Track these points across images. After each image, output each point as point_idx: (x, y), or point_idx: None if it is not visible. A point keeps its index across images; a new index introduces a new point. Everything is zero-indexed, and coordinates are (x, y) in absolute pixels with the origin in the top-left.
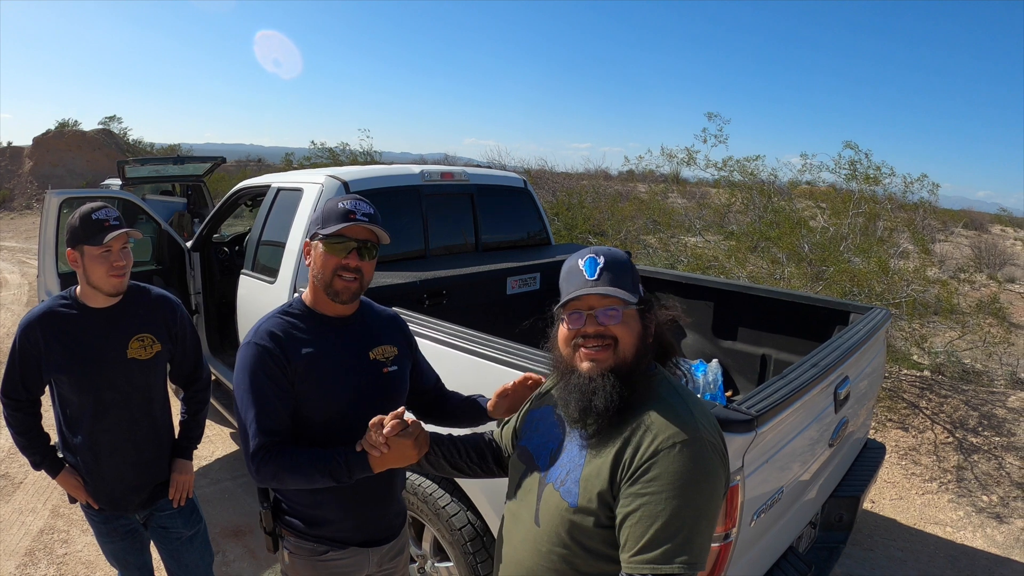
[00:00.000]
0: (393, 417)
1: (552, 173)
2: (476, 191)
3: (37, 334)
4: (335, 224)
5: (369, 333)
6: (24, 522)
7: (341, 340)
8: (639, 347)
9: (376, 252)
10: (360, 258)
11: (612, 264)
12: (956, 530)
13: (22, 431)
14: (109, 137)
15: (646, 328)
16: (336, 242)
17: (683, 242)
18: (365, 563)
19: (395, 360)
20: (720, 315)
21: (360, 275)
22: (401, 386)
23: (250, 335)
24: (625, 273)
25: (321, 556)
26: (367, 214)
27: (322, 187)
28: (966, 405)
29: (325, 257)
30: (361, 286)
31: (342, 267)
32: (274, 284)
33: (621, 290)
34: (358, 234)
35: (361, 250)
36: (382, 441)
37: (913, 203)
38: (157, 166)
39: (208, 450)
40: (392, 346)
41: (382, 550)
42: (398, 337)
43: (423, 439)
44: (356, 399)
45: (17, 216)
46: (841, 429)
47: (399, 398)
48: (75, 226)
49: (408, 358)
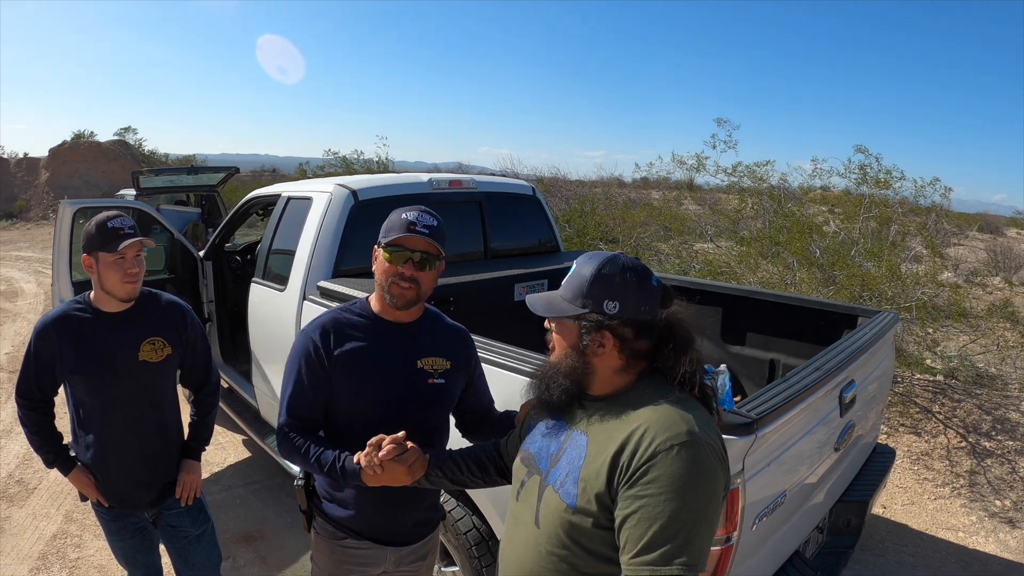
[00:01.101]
0: (391, 441)
1: (565, 181)
2: (484, 198)
3: (52, 337)
4: (396, 234)
5: (425, 343)
6: (38, 527)
7: (391, 343)
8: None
9: (435, 263)
10: (417, 268)
11: (576, 275)
12: (968, 535)
13: (36, 430)
14: (124, 148)
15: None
16: (395, 251)
17: (695, 249)
18: (382, 559)
19: (444, 374)
20: (728, 320)
21: (416, 284)
22: (444, 400)
23: (308, 324)
24: (597, 285)
25: (340, 541)
26: (428, 226)
27: (331, 196)
28: (979, 409)
29: (385, 264)
30: (418, 295)
31: (399, 275)
32: (284, 292)
33: (564, 302)
34: (416, 245)
35: (418, 261)
36: (376, 463)
37: (925, 207)
38: (171, 176)
39: (220, 456)
40: (445, 360)
41: (400, 551)
42: (458, 353)
43: (418, 465)
44: (391, 402)
45: (33, 226)
46: (847, 433)
47: (439, 411)
48: (91, 233)
49: (462, 375)
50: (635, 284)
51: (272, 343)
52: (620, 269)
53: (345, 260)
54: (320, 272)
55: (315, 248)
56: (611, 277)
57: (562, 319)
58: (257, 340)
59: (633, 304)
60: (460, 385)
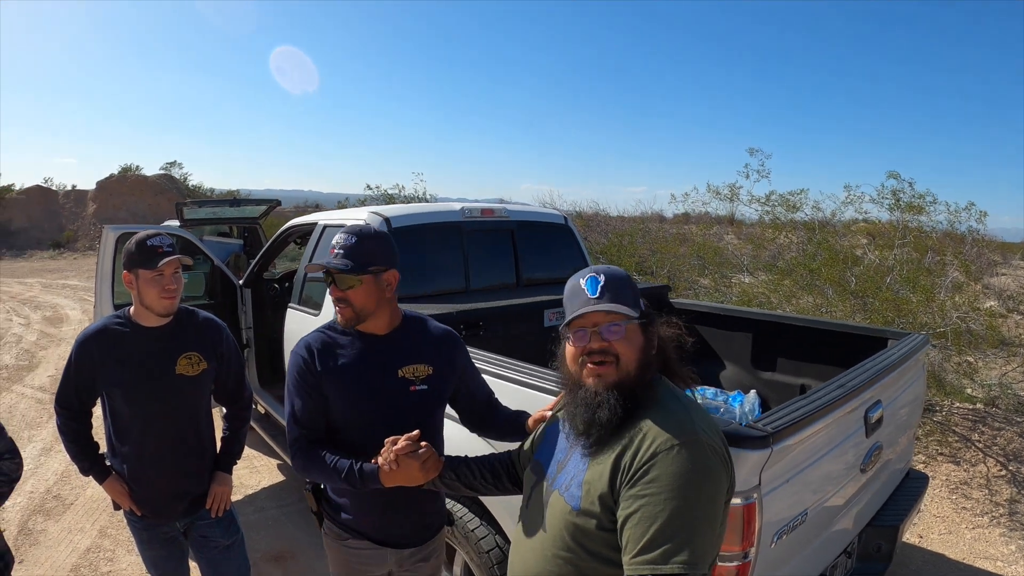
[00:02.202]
0: (407, 439)
1: (606, 216)
2: (516, 227)
3: (92, 349)
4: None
5: (405, 351)
6: (72, 540)
7: (371, 355)
8: (642, 360)
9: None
10: (341, 289)
11: (612, 281)
12: (1008, 564)
13: (73, 439)
14: (170, 182)
15: (649, 341)
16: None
17: (733, 281)
18: (382, 559)
19: (426, 379)
20: (758, 346)
21: (348, 303)
22: (428, 404)
23: (296, 344)
24: (625, 289)
25: (345, 541)
26: (344, 246)
27: (365, 223)
28: (1021, 437)
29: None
30: (355, 312)
31: (335, 298)
32: (318, 316)
33: (622, 306)
34: (333, 269)
35: (340, 283)
36: (391, 459)
37: (961, 233)
38: (214, 208)
39: (255, 479)
40: (427, 365)
41: (402, 553)
42: (443, 356)
43: (432, 464)
44: (376, 410)
45: (80, 256)
46: (874, 454)
47: (424, 415)
48: (132, 251)
49: (447, 378)
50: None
51: None
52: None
53: None
54: None
55: None
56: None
57: (635, 321)
58: None
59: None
60: (447, 388)
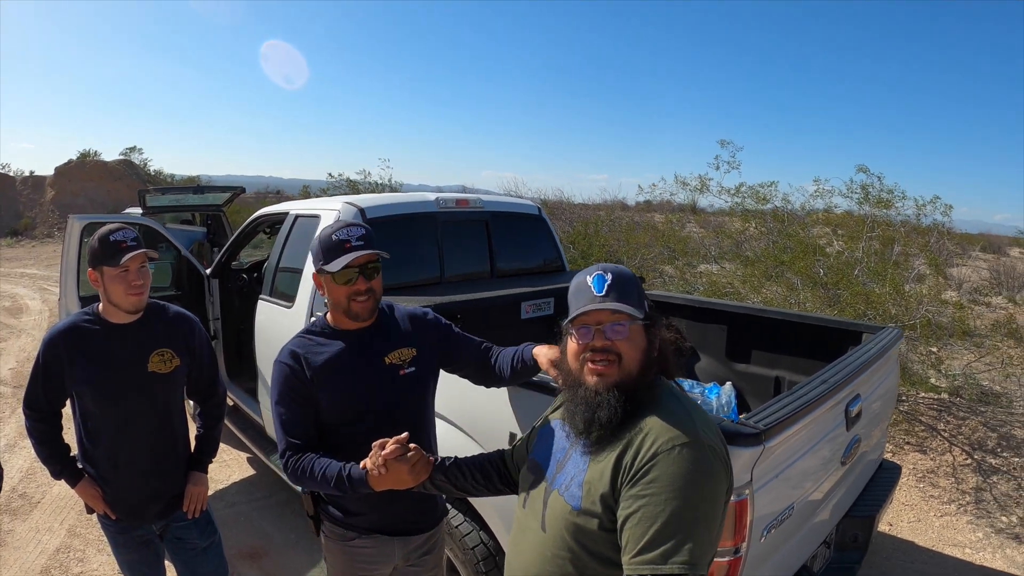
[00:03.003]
0: (395, 442)
1: (570, 204)
2: (491, 218)
3: (60, 347)
4: (336, 258)
5: (387, 339)
6: (40, 541)
7: (358, 351)
8: (643, 362)
9: (379, 267)
10: (367, 280)
11: (619, 280)
12: (975, 551)
13: (43, 441)
14: (130, 168)
15: (651, 343)
16: (340, 273)
17: (699, 270)
18: (390, 553)
19: (413, 361)
20: (733, 338)
21: (372, 293)
22: (420, 386)
23: (278, 354)
24: (631, 289)
25: (349, 542)
26: (361, 238)
27: (339, 213)
28: (984, 427)
29: (336, 288)
30: (375, 301)
31: (355, 292)
32: (291, 309)
33: (628, 306)
34: (358, 260)
35: (367, 273)
36: (380, 463)
37: (927, 226)
38: (177, 196)
39: (225, 474)
40: (410, 348)
41: (408, 543)
42: (420, 336)
43: (421, 466)
44: (372, 402)
45: (38, 244)
46: (853, 447)
47: (419, 397)
48: (95, 248)
49: (431, 354)
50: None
51: None
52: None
53: None
54: None
55: None
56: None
57: (639, 322)
58: (264, 357)
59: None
60: (433, 366)
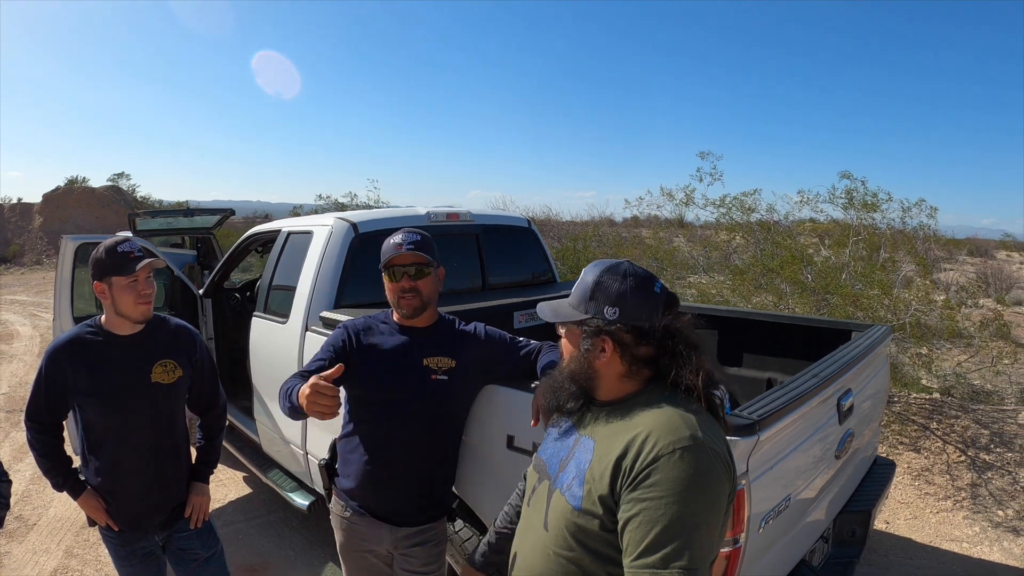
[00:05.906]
0: (319, 378)
1: (558, 221)
2: (481, 231)
3: (63, 359)
4: (387, 256)
5: (434, 343)
6: (38, 562)
7: (404, 343)
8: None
9: (429, 270)
10: (413, 279)
11: (581, 282)
12: (973, 545)
13: (45, 453)
14: (118, 194)
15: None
16: (391, 271)
17: (688, 281)
18: (379, 536)
19: (448, 371)
20: (724, 342)
21: (418, 292)
22: (448, 394)
23: (346, 320)
24: (584, 291)
25: (347, 516)
26: (413, 242)
27: (331, 229)
28: (977, 424)
29: (389, 285)
30: (422, 301)
31: (401, 290)
32: (285, 324)
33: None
34: (406, 260)
35: (413, 273)
36: (307, 392)
37: (912, 228)
38: (167, 219)
39: (222, 493)
40: (450, 359)
41: (396, 531)
42: (464, 351)
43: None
44: (397, 391)
45: (27, 271)
46: (846, 441)
47: (442, 402)
48: (101, 259)
49: (470, 368)
50: (635, 290)
51: (274, 375)
52: (622, 275)
53: (346, 292)
54: (322, 304)
55: (316, 280)
56: (611, 283)
57: (567, 324)
58: (259, 373)
59: (632, 310)
60: (468, 383)
